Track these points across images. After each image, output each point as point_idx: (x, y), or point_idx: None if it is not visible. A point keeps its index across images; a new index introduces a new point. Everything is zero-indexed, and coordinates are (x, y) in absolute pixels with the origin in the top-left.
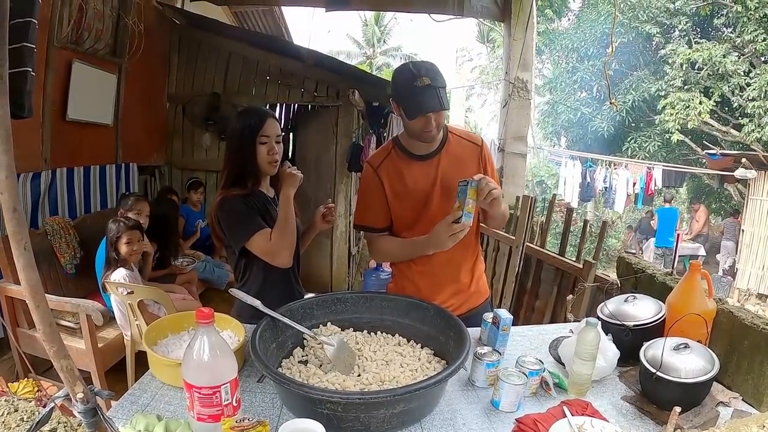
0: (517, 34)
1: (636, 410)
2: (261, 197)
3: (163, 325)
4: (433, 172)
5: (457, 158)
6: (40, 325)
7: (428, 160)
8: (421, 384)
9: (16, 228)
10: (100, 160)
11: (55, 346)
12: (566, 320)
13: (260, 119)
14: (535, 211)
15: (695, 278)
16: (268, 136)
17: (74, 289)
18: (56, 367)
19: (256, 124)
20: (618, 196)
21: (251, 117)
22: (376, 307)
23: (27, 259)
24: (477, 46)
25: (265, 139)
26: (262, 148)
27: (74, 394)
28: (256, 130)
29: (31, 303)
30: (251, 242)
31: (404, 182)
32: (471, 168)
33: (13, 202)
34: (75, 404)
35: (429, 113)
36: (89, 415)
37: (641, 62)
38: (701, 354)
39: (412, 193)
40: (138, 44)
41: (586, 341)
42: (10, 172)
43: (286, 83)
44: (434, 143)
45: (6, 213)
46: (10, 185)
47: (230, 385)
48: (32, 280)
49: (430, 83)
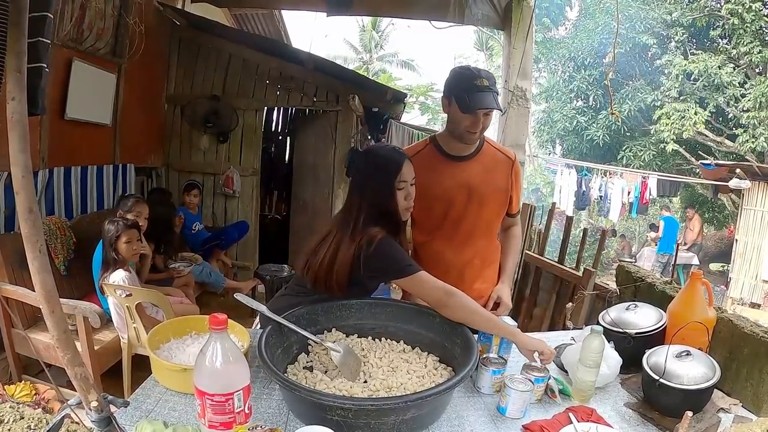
0: (516, 43)
1: (639, 416)
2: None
3: (165, 329)
4: (463, 175)
5: (489, 167)
6: (54, 331)
7: (460, 163)
8: (434, 390)
9: (32, 230)
10: (97, 160)
11: (69, 352)
12: (565, 328)
13: (396, 165)
14: (533, 218)
15: (696, 287)
16: (405, 181)
17: (69, 290)
18: (70, 374)
19: (393, 170)
20: (613, 205)
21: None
22: (380, 313)
23: (42, 263)
24: (474, 53)
25: (402, 184)
26: (400, 195)
27: (88, 403)
28: (393, 177)
29: (46, 308)
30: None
31: (431, 179)
32: (499, 180)
33: (29, 202)
34: (88, 413)
35: (480, 111)
36: (103, 423)
37: (637, 72)
38: (703, 361)
39: (436, 191)
40: (138, 44)
41: (590, 348)
42: (27, 171)
43: (286, 87)
44: (471, 147)
45: (21, 213)
46: (27, 185)
47: (243, 392)
48: (48, 284)
49: (488, 85)
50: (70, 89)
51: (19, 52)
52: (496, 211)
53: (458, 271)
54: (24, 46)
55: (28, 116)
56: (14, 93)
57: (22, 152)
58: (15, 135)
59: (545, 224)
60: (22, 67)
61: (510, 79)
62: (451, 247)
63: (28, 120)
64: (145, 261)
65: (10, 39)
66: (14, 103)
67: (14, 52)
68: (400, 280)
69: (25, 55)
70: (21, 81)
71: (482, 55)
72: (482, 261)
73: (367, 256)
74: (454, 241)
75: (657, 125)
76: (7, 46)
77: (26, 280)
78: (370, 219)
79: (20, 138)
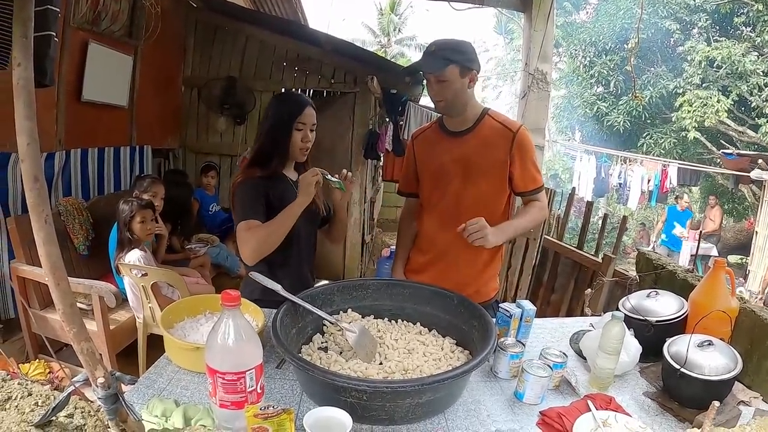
0: (537, 25)
1: (658, 406)
2: (282, 181)
3: (179, 308)
4: (459, 149)
5: (486, 141)
6: (60, 304)
7: (458, 138)
8: (451, 373)
9: (37, 200)
10: (114, 142)
11: (75, 327)
12: (583, 314)
13: (299, 107)
14: (553, 204)
15: (719, 276)
16: (304, 123)
17: (86, 271)
18: (76, 349)
19: (296, 110)
20: (632, 193)
21: (291, 103)
22: (397, 294)
23: (47, 233)
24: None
25: (301, 126)
26: (297, 135)
27: (94, 379)
28: (295, 116)
29: (51, 281)
30: (239, 225)
31: (431, 154)
32: (498, 153)
33: (34, 171)
34: (95, 389)
35: (429, 75)
36: (110, 401)
37: (659, 58)
38: (724, 352)
39: (434, 166)
40: (154, 26)
41: (611, 335)
42: (33, 139)
43: (303, 69)
44: (467, 121)
45: (27, 182)
46: (32, 153)
47: (255, 371)
48: (53, 255)
49: (433, 50)
50: (86, 71)
51: (25, 18)
52: (493, 187)
53: (454, 252)
54: (30, 12)
55: (38, 87)
56: (20, 59)
57: (27, 119)
58: (20, 102)
59: (564, 210)
60: (28, 33)
61: (530, 62)
62: (451, 224)
63: (43, 102)
64: (162, 241)
65: (17, 5)
66: (20, 69)
67: (20, 19)
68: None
69: (32, 21)
70: (27, 47)
71: (502, 39)
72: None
73: (232, 196)
74: (453, 217)
75: (678, 112)
76: (14, 13)
77: None
78: (262, 151)
79: (25, 105)
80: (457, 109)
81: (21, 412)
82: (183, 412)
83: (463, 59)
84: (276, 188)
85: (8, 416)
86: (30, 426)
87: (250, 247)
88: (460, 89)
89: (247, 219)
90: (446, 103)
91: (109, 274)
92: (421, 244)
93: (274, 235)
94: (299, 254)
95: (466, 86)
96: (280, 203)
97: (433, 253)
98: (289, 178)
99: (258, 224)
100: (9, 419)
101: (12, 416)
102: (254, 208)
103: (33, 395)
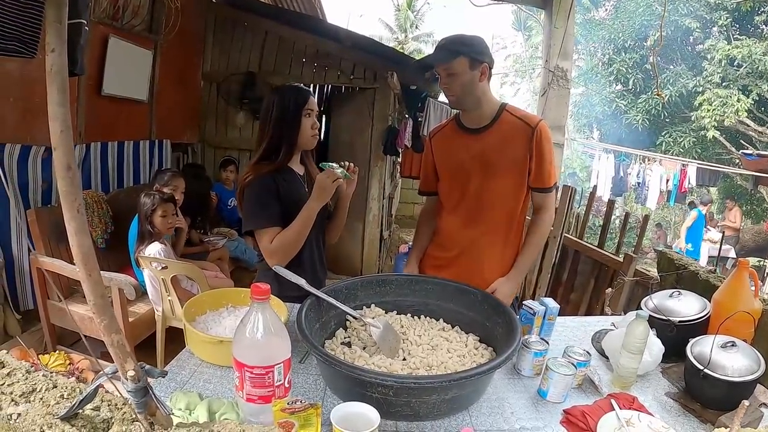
0: (558, 22)
1: (680, 407)
2: (290, 174)
3: (201, 302)
4: (477, 146)
5: (506, 137)
6: (91, 296)
7: (476, 135)
8: (479, 369)
9: (70, 188)
10: (133, 136)
11: (106, 318)
12: (603, 313)
13: (305, 94)
14: (573, 202)
15: (743, 276)
16: (311, 110)
17: (105, 264)
18: (106, 342)
19: (301, 98)
20: (651, 192)
21: (296, 92)
22: (420, 290)
23: (80, 223)
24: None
25: (308, 112)
26: (307, 122)
27: (124, 372)
28: (302, 104)
29: (83, 271)
30: (258, 233)
31: (449, 152)
32: (517, 149)
33: (67, 159)
34: (125, 382)
35: (439, 68)
36: (139, 394)
37: (679, 56)
38: (747, 353)
39: (453, 163)
40: (174, 21)
41: (635, 334)
42: (66, 126)
43: (322, 64)
44: (486, 117)
45: (59, 171)
46: (65, 140)
47: (283, 366)
48: (84, 246)
49: (444, 44)
50: (106, 66)
51: (60, 2)
52: (513, 185)
53: (477, 249)
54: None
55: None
56: (54, 44)
57: (60, 105)
58: (54, 88)
59: (585, 208)
60: (62, 18)
61: (550, 59)
62: (473, 221)
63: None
64: (181, 235)
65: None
66: (54, 55)
67: (54, 3)
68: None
69: (66, 6)
70: (61, 32)
71: (520, 35)
72: (504, 240)
73: (242, 194)
74: (475, 215)
75: (698, 111)
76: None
77: (62, 253)
78: (271, 144)
79: (59, 91)
80: (469, 104)
81: (46, 405)
82: (207, 405)
83: (471, 51)
84: (285, 183)
85: (33, 408)
86: (55, 419)
87: (278, 258)
88: (469, 82)
89: (267, 227)
90: (457, 97)
91: (127, 266)
92: (443, 241)
93: (298, 240)
94: (311, 253)
95: (477, 79)
96: (290, 198)
97: (455, 250)
98: (296, 171)
99: (278, 231)
100: (34, 412)
101: (37, 408)
102: (270, 212)
103: (58, 387)
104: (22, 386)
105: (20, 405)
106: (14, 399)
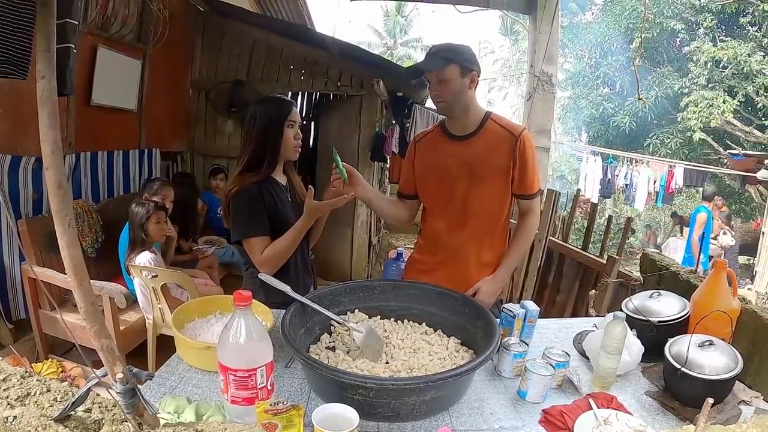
0: (542, 27)
1: (659, 406)
2: (274, 184)
3: (190, 309)
4: (463, 153)
5: (490, 145)
6: (82, 303)
7: (462, 142)
8: (454, 371)
9: (61, 205)
10: (123, 145)
11: (96, 325)
12: (587, 315)
13: (288, 106)
14: (558, 205)
15: (720, 276)
16: (294, 121)
17: (96, 272)
18: (96, 346)
19: (284, 110)
20: (638, 194)
21: (279, 103)
22: (403, 295)
23: (71, 237)
24: (499, 39)
25: (291, 123)
26: (290, 132)
27: (113, 374)
28: (285, 116)
29: (74, 281)
30: (248, 242)
31: (434, 158)
32: (501, 158)
33: (59, 178)
34: (114, 384)
35: (429, 74)
36: (128, 396)
37: (665, 59)
38: (725, 352)
39: (438, 170)
40: (162, 30)
41: (613, 335)
42: (56, 147)
43: (310, 72)
44: (471, 125)
45: (51, 189)
46: (56, 161)
47: (266, 369)
48: (76, 258)
49: (434, 51)
50: (95, 76)
51: (48, 32)
52: (498, 191)
53: (463, 253)
54: (53, 27)
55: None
56: (44, 72)
57: (51, 128)
58: (44, 112)
59: (569, 211)
60: (51, 47)
61: (536, 64)
62: (459, 227)
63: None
64: (171, 243)
65: (39, 19)
66: (44, 81)
67: (43, 32)
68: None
69: (54, 36)
70: (50, 60)
71: (507, 40)
72: (489, 244)
73: (228, 204)
74: (461, 220)
75: (684, 113)
76: (37, 26)
77: (54, 263)
78: (255, 155)
79: (49, 115)
80: (458, 111)
81: (40, 407)
82: (195, 409)
83: (462, 59)
84: (271, 194)
85: (28, 411)
86: (49, 420)
87: (268, 267)
88: (460, 89)
89: (257, 236)
90: (447, 103)
91: (118, 275)
92: (429, 246)
93: (288, 252)
94: (295, 260)
95: (467, 87)
96: (274, 208)
97: (441, 254)
98: (279, 181)
99: (268, 240)
100: (29, 414)
101: (32, 411)
102: (259, 222)
103: (52, 391)
104: (18, 390)
105: (16, 408)
106: (10, 402)
